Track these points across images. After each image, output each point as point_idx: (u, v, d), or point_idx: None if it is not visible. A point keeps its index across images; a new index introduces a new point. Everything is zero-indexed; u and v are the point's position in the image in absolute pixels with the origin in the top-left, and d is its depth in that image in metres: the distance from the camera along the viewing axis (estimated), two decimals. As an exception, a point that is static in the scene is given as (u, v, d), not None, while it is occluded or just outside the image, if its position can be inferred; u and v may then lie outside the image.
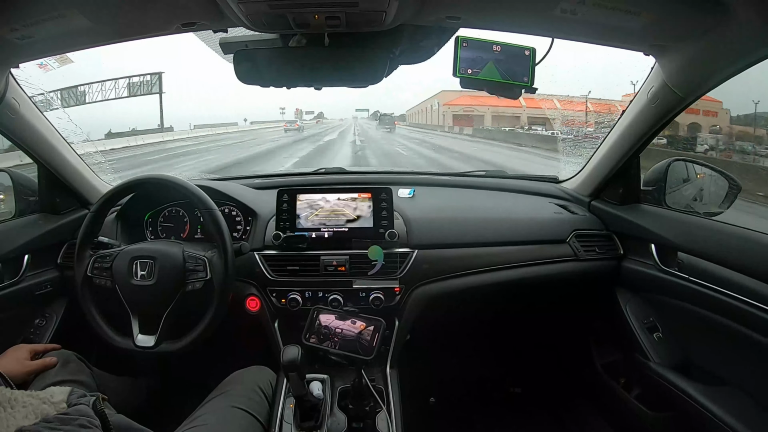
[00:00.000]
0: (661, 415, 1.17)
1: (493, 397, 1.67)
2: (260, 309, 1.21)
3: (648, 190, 1.29)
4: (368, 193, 1.25)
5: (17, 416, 0.63)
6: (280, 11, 0.84)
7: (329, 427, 0.95)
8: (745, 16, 0.76)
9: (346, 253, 1.21)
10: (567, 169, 1.66)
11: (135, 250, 1.10)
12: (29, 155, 1.25)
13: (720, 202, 1.20)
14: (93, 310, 1.10)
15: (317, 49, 1.02)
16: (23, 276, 1.21)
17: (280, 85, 1.06)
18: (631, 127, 1.20)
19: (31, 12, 0.82)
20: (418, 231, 1.27)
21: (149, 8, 0.87)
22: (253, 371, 1.05)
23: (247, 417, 0.90)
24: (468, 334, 1.60)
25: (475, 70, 0.96)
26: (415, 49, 1.10)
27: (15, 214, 1.29)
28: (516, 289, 1.33)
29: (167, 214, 1.40)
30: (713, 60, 0.92)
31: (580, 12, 0.83)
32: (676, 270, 1.13)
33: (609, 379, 1.37)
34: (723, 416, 0.94)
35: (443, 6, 0.87)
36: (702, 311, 1.06)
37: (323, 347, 0.97)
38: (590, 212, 1.43)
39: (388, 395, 1.07)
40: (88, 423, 0.65)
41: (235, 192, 1.38)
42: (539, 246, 1.31)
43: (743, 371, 1.00)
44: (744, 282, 0.94)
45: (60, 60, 1.13)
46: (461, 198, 1.57)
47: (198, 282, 1.07)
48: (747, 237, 0.97)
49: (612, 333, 1.38)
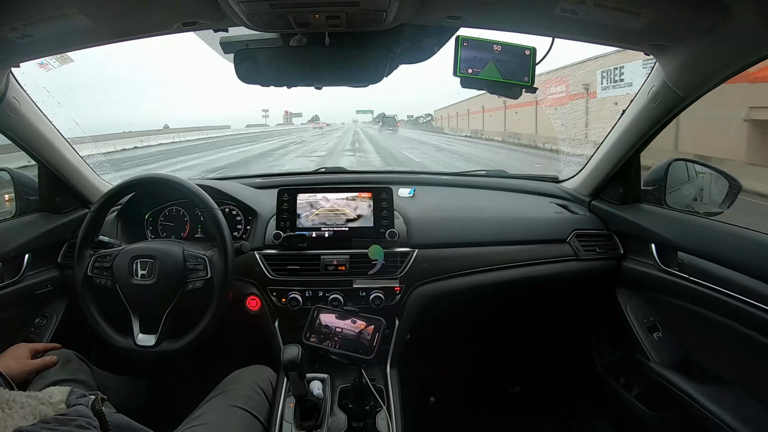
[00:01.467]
0: (661, 414, 1.17)
1: (493, 397, 1.67)
2: (260, 308, 1.21)
3: (648, 189, 1.29)
4: (368, 193, 1.25)
5: (15, 417, 0.63)
6: (281, 11, 0.84)
7: (329, 426, 0.95)
8: (745, 17, 0.76)
9: (346, 253, 1.21)
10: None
11: (135, 249, 1.10)
12: (29, 154, 1.25)
13: (720, 201, 1.20)
14: (93, 309, 1.10)
15: (318, 48, 1.02)
16: (23, 275, 1.21)
17: (281, 84, 1.06)
18: (632, 126, 1.20)
19: (32, 11, 0.82)
20: (418, 230, 1.27)
21: (150, 7, 0.87)
22: (253, 370, 1.05)
23: (248, 416, 0.90)
24: (468, 333, 1.60)
25: (476, 70, 0.96)
26: (415, 48, 1.10)
27: (15, 214, 1.30)
28: (516, 288, 1.33)
29: (168, 214, 1.40)
30: (714, 60, 0.92)
31: (580, 12, 0.83)
32: (676, 270, 1.13)
33: (609, 379, 1.37)
34: (723, 416, 0.94)
35: (443, 5, 0.87)
36: (702, 311, 1.06)
37: (323, 346, 0.97)
38: (590, 212, 1.43)
39: (388, 394, 1.07)
40: (86, 424, 0.65)
41: (236, 191, 1.38)
42: (539, 245, 1.31)
43: (743, 371, 1.00)
44: (744, 282, 0.94)
45: (60, 59, 1.13)
46: (461, 197, 1.57)
47: (198, 281, 1.08)
48: (747, 237, 0.97)
49: (612, 332, 1.38)
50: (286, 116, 44.06)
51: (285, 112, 43.97)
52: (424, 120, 32.50)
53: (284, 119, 43.86)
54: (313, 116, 52.29)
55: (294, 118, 45.60)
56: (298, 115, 47.10)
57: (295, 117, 45.99)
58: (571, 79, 9.76)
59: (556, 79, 9.32)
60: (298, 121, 46.10)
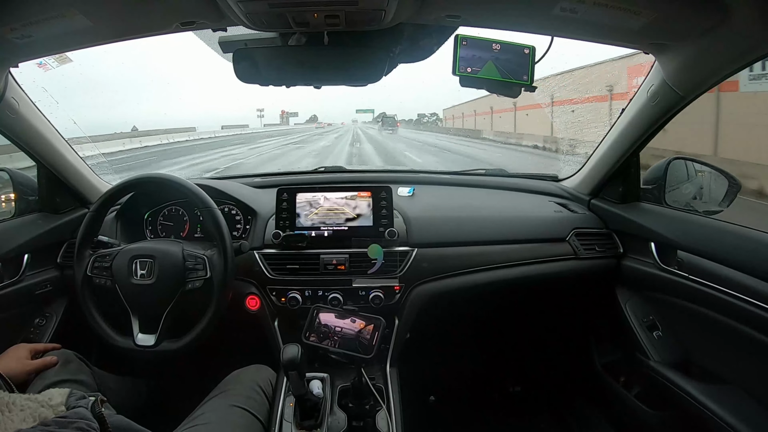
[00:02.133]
0: (661, 413, 1.17)
1: (492, 396, 1.68)
2: (260, 308, 1.21)
3: (648, 188, 1.29)
4: (368, 192, 1.25)
5: (15, 419, 0.63)
6: (280, 10, 0.84)
7: (329, 425, 0.95)
8: (745, 16, 0.76)
9: (345, 252, 1.21)
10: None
11: (135, 249, 1.10)
12: (29, 154, 1.25)
13: (720, 200, 1.20)
14: (93, 309, 1.10)
15: (317, 47, 1.02)
16: (23, 275, 1.21)
17: (280, 83, 1.06)
18: (631, 125, 1.20)
19: (31, 11, 0.82)
20: (417, 229, 1.27)
21: (149, 7, 0.87)
22: (252, 370, 1.05)
23: (247, 416, 0.90)
24: (468, 332, 1.60)
25: (475, 69, 0.96)
26: (414, 47, 1.10)
27: (15, 214, 1.29)
28: (516, 287, 1.33)
29: (167, 213, 1.40)
30: (713, 59, 0.92)
31: (579, 11, 0.83)
32: (675, 268, 1.13)
33: (609, 378, 1.37)
34: (723, 414, 0.94)
35: (443, 4, 0.87)
36: (702, 310, 1.06)
37: (323, 346, 0.97)
38: (590, 211, 1.43)
39: (388, 394, 1.07)
40: (86, 426, 0.65)
41: (235, 191, 1.38)
42: (539, 244, 1.31)
43: (743, 370, 1.00)
44: (744, 280, 0.94)
45: (59, 59, 1.13)
46: (461, 196, 1.57)
47: (198, 281, 1.08)
48: (747, 235, 0.97)
49: (612, 331, 1.38)
50: (282, 116, 42.96)
51: (282, 112, 42.79)
52: (429, 119, 32.06)
53: (281, 119, 42.64)
54: (312, 116, 51.52)
55: (290, 117, 44.73)
56: (294, 115, 46.00)
57: (291, 116, 45.03)
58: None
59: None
60: (293, 120, 45.03)
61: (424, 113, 29.98)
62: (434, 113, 34.21)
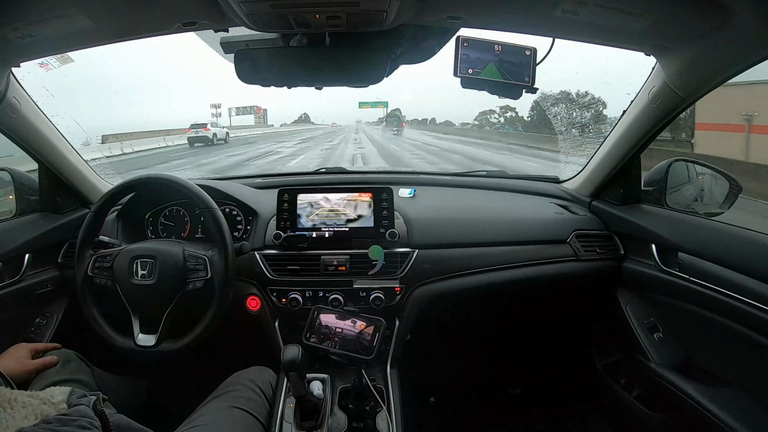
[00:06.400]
0: (662, 415, 1.17)
1: (493, 398, 1.67)
2: (261, 309, 1.21)
3: (649, 190, 1.29)
4: (369, 193, 1.25)
5: (17, 417, 0.63)
6: (281, 11, 0.84)
7: (329, 426, 0.95)
8: (746, 18, 0.76)
9: (346, 253, 1.21)
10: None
11: (135, 249, 1.10)
12: (30, 154, 1.25)
13: (720, 202, 1.19)
14: (93, 309, 1.10)
15: (318, 48, 1.02)
16: (24, 275, 1.21)
17: (281, 84, 1.06)
18: (632, 127, 1.20)
19: (33, 11, 0.82)
20: (418, 231, 1.27)
21: (150, 8, 0.87)
22: (253, 371, 1.05)
23: (248, 417, 0.90)
24: (468, 334, 1.60)
25: (476, 70, 0.96)
26: (416, 49, 1.10)
27: (15, 214, 1.30)
28: (516, 289, 1.33)
29: (168, 214, 1.40)
30: (714, 61, 0.92)
31: (581, 13, 0.83)
32: (676, 270, 1.13)
33: (609, 380, 1.37)
34: (723, 416, 0.94)
35: (444, 6, 0.87)
36: (702, 311, 1.06)
37: (324, 347, 0.97)
38: (591, 212, 1.43)
39: (388, 395, 1.06)
40: (88, 424, 0.65)
41: (236, 191, 1.38)
42: (540, 246, 1.31)
43: (744, 371, 1.00)
44: (744, 282, 0.94)
45: (61, 59, 1.13)
46: (462, 198, 1.57)
47: (198, 281, 1.08)
48: (747, 237, 0.97)
49: (612, 333, 1.38)
50: (259, 114, 35.65)
51: (257, 110, 35.04)
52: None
53: (255, 119, 35.21)
54: (301, 115, 47.86)
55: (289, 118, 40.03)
56: (307, 117, 40.29)
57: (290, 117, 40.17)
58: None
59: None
60: (278, 122, 38.29)
61: (393, 111, 27.97)
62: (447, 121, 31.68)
